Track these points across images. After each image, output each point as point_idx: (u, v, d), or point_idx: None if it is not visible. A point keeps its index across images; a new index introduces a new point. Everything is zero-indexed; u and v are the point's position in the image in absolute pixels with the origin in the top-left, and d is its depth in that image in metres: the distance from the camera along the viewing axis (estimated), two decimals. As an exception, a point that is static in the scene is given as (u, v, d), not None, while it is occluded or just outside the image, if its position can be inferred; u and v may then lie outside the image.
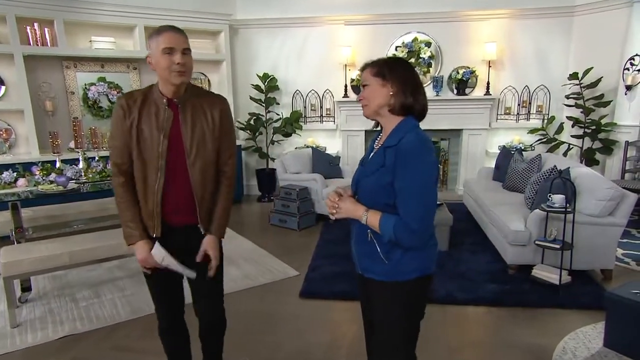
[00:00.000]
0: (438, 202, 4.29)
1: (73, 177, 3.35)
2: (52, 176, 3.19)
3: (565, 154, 5.71)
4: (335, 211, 1.52)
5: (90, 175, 3.43)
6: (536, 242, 3.28)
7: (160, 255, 1.71)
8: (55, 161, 3.41)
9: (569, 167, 3.63)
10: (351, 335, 2.72)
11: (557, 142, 5.74)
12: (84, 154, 3.46)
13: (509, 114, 6.00)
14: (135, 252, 1.74)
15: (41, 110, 4.79)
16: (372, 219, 1.43)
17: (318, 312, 3.03)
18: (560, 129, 5.78)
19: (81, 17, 4.80)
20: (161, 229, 1.74)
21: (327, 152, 6.10)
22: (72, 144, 3.94)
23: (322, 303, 3.14)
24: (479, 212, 4.45)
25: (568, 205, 3.16)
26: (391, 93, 1.48)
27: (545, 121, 5.84)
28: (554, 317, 2.89)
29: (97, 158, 3.55)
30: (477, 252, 3.96)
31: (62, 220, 3.58)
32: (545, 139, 5.80)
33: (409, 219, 1.37)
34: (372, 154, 1.55)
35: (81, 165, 3.42)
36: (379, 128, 1.61)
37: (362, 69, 1.55)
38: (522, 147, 5.80)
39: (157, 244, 1.72)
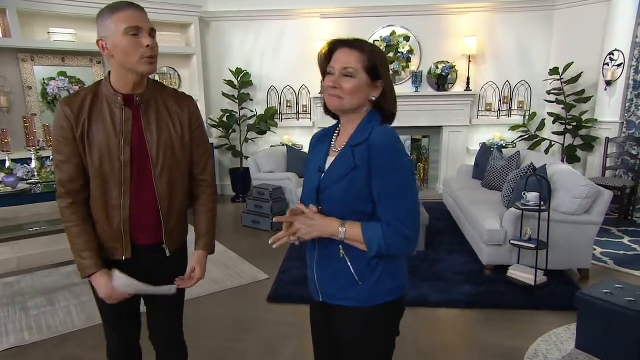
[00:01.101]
0: (415, 201, 4.28)
1: (24, 177, 3.24)
2: (0, 176, 3.08)
3: (547, 151, 5.77)
4: (298, 234, 1.31)
5: (44, 175, 3.33)
6: (511, 241, 3.29)
7: (125, 284, 1.50)
8: (5, 160, 3.30)
9: (545, 165, 3.66)
10: (318, 341, 2.69)
11: (539, 139, 5.79)
12: (37, 152, 3.36)
13: (490, 110, 6.04)
14: (95, 287, 1.53)
15: (-5, 106, 4.65)
16: (353, 231, 1.24)
17: (286, 317, 2.99)
18: (541, 125, 5.84)
19: (37, 7, 4.66)
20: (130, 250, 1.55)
21: (303, 150, 6.06)
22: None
23: (291, 307, 3.11)
24: (457, 211, 4.46)
25: (543, 203, 3.18)
26: (373, 98, 1.30)
27: (527, 117, 5.89)
28: (528, 318, 2.90)
29: (51, 157, 3.44)
30: (454, 252, 3.96)
31: (13, 223, 3.46)
32: (527, 136, 5.85)
33: (400, 224, 1.21)
34: (332, 157, 1.35)
35: (34, 164, 3.32)
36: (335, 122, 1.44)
37: (341, 44, 1.29)
38: (504, 145, 5.85)
39: (116, 274, 1.50)
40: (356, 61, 1.26)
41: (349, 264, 1.29)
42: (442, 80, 5.85)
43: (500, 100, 5.99)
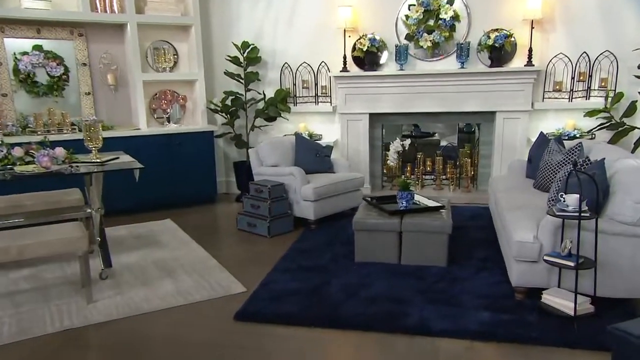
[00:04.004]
0: (438, 204, 4.11)
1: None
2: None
3: (637, 144, 5.32)
4: None
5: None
6: (545, 257, 3.05)
7: None
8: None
9: (603, 159, 3.36)
10: (277, 370, 2.63)
11: (626, 127, 5.36)
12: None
13: (560, 90, 5.68)
14: None
15: (-39, 85, 4.97)
16: None
17: (250, 339, 2.94)
18: (631, 109, 5.40)
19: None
20: None
21: (322, 140, 6.04)
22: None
23: (260, 328, 3.07)
24: (497, 218, 4.23)
25: (587, 208, 2.91)
26: None
27: (610, 100, 5.47)
28: (557, 357, 2.67)
29: (1, 142, 3.63)
30: (484, 270, 3.77)
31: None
32: (608, 124, 5.43)
33: None
34: None
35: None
36: None
37: None
38: (578, 135, 5.48)
39: None
40: None
41: None
42: (495, 53, 5.58)
43: (573, 78, 5.61)
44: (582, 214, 2.86)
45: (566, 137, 5.40)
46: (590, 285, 3.03)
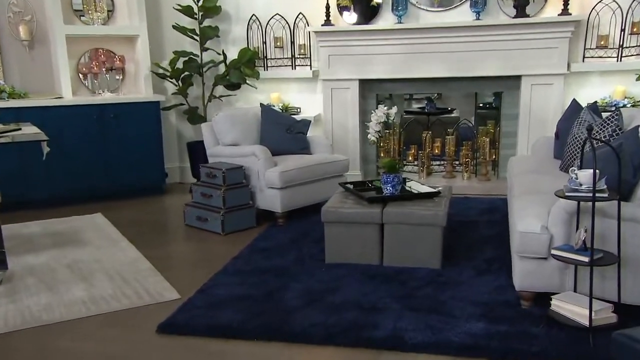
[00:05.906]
0: (433, 190, 4.13)
1: None
2: None
3: None
4: None
5: None
6: (553, 251, 3.04)
7: None
8: None
9: (637, 127, 3.34)
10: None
11: (690, 95, 5.36)
12: None
13: (606, 47, 5.67)
14: None
15: None
16: None
17: (173, 356, 2.97)
18: (698, 72, 5.40)
19: None
20: None
21: (300, 114, 6.09)
22: None
23: (189, 342, 3.09)
24: (509, 207, 4.24)
25: (606, 187, 2.90)
26: None
27: (670, 59, 5.47)
28: (562, 379, 2.69)
29: None
30: (487, 272, 3.79)
31: None
32: (666, 90, 5.43)
33: None
34: None
35: None
36: None
37: None
38: (630, 104, 5.46)
39: None
40: None
41: None
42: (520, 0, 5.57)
43: (624, 30, 5.60)
44: (598, 194, 2.84)
45: (613, 108, 5.37)
46: (613, 287, 3.02)
